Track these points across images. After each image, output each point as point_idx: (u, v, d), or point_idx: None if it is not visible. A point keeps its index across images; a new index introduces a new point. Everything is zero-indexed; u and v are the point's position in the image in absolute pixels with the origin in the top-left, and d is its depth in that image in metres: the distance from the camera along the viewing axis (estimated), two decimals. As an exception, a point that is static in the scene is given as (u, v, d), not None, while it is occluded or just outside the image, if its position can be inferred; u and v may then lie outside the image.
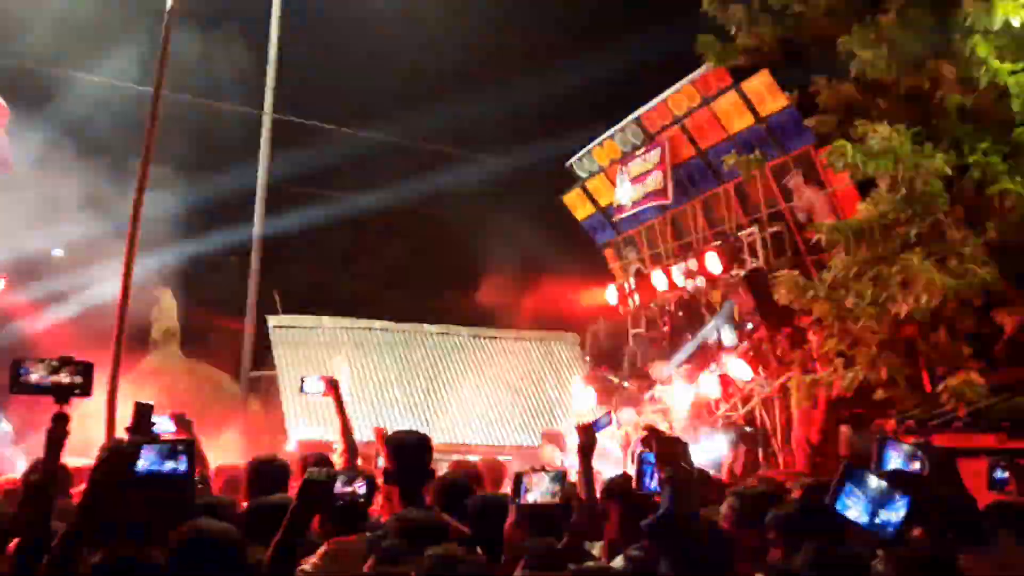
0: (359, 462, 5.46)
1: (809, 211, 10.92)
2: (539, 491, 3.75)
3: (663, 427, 12.05)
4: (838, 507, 2.51)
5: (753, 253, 11.61)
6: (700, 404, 11.94)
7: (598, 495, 4.37)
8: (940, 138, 8.03)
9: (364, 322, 18.22)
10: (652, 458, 3.53)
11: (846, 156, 8.89)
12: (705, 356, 12.19)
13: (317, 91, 19.52)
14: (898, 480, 2.57)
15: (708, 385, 11.83)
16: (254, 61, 17.23)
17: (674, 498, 3.06)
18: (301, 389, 5.60)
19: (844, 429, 10.16)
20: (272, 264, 18.57)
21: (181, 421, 5.10)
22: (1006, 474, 2.95)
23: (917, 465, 2.80)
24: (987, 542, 3.15)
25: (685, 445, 3.31)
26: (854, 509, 2.48)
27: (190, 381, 16.94)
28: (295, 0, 18.27)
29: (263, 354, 17.54)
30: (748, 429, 11.49)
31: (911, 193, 8.40)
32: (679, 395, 12.07)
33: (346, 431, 5.38)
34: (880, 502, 2.46)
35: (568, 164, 15.12)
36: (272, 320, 17.46)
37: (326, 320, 18.01)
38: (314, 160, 19.34)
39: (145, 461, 3.23)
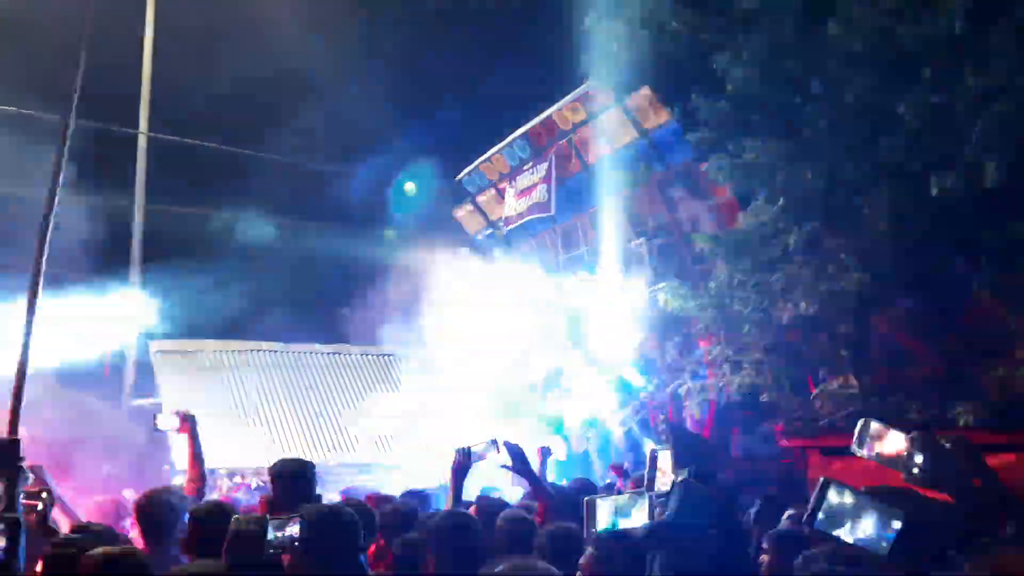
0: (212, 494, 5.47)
1: (694, 222, 11.38)
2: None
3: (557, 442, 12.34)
4: (817, 526, 2.39)
5: (641, 264, 12.00)
6: None
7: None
8: (812, 152, 8.48)
9: (251, 344, 17.86)
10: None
11: (724, 170, 9.34)
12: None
13: (191, 107, 19.02)
14: (884, 493, 2.44)
15: (603, 394, 12.16)
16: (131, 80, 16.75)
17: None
18: (155, 428, 5.48)
19: (736, 432, 10.63)
20: (152, 289, 18.00)
21: (36, 470, 4.80)
22: None
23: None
24: None
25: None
26: (835, 526, 2.36)
27: (68, 414, 16.22)
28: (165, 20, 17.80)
29: (146, 382, 16.98)
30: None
31: (788, 204, 8.89)
32: (574, 407, 12.37)
33: (197, 460, 5.35)
34: (864, 517, 2.33)
35: (458, 179, 15.26)
36: (154, 345, 16.93)
37: (210, 343, 17.58)
38: (188, 180, 18.90)
39: None
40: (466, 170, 15.05)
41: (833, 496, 2.35)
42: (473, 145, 14.95)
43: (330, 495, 7.00)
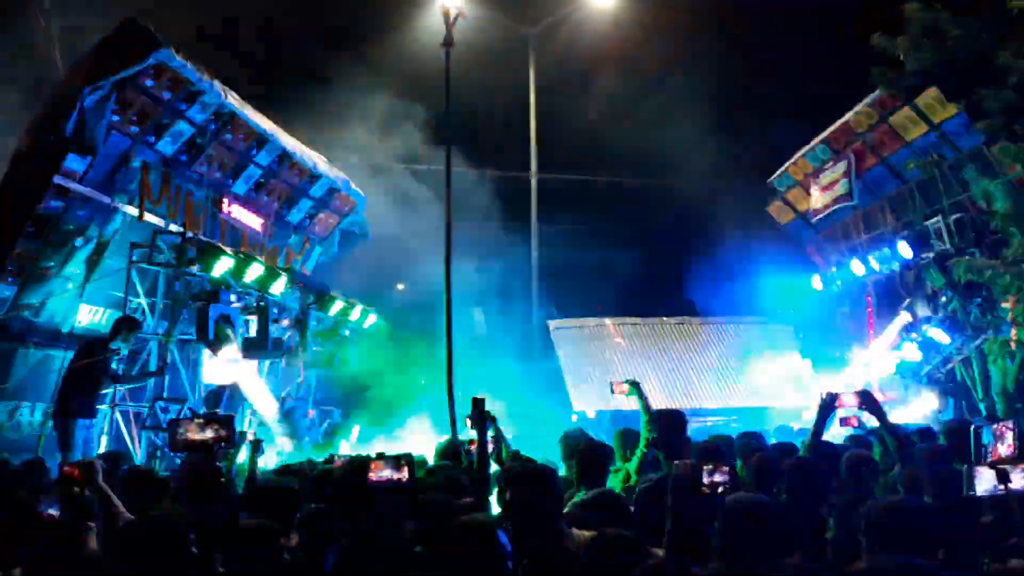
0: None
1: (987, 198, 10.15)
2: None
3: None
4: None
5: (939, 238, 10.93)
6: None
7: None
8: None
9: (618, 319, 18.77)
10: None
11: (1013, 151, 8.34)
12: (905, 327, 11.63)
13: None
14: None
15: (909, 351, 11.29)
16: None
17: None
18: (611, 391, 5.68)
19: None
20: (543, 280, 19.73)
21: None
22: None
23: None
24: None
25: None
26: None
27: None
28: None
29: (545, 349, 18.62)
30: None
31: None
32: (882, 360, 11.64)
33: (648, 409, 5.26)
34: None
35: (768, 181, 14.90)
36: (552, 324, 18.53)
37: (588, 320, 18.80)
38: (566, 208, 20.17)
39: (377, 475, 3.11)
40: (776, 174, 14.63)
41: None
42: (778, 153, 14.44)
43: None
